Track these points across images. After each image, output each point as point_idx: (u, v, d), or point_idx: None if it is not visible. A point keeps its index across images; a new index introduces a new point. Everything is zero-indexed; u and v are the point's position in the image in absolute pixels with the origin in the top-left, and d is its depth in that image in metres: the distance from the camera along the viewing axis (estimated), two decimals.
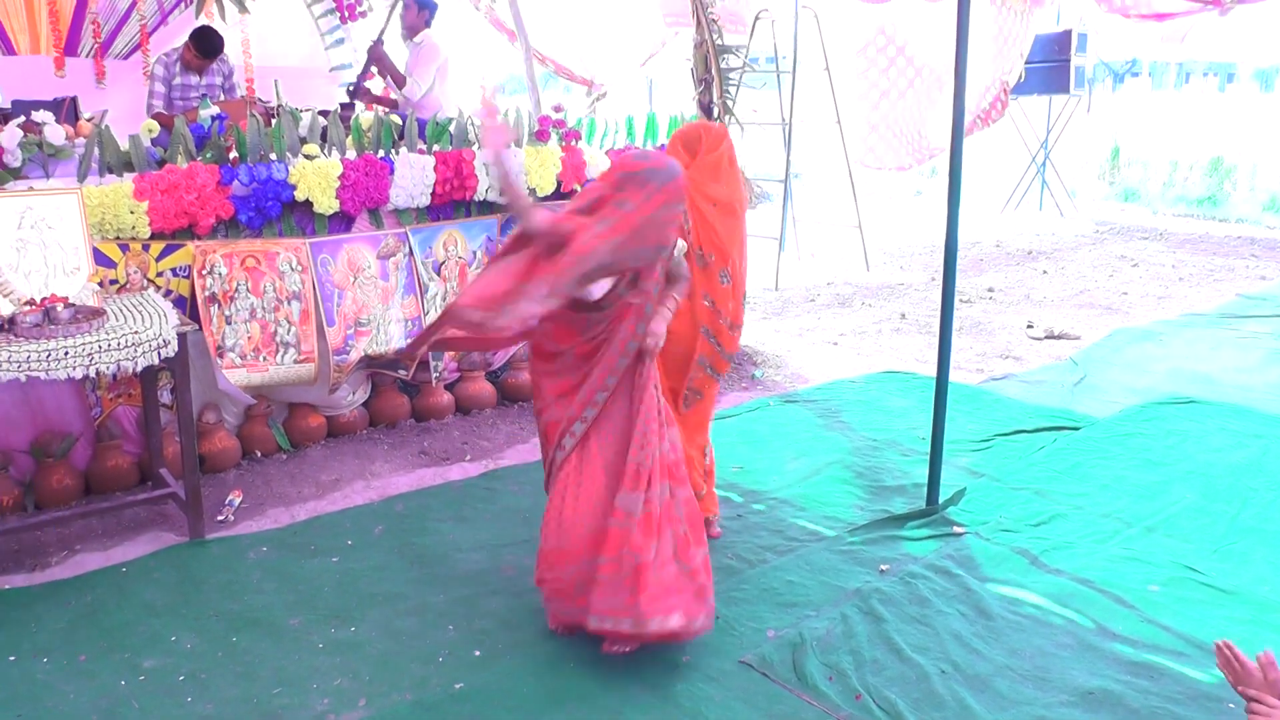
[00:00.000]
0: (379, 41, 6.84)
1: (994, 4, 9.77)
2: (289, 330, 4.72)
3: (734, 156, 3.89)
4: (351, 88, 6.93)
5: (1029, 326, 7.57)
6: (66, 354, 3.51)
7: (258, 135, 4.74)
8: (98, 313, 3.76)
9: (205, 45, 6.32)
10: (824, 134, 9.91)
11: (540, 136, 5.69)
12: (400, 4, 6.91)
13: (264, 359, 4.66)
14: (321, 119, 5.15)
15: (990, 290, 8.83)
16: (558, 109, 6.05)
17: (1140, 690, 3.09)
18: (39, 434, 4.34)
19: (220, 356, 4.55)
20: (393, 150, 5.16)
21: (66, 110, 5.31)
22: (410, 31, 6.84)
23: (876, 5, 8.94)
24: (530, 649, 3.32)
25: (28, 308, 3.68)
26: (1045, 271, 9.70)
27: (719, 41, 6.22)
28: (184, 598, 3.65)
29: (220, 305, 4.54)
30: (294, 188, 4.75)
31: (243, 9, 7.48)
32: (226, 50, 6.60)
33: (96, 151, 4.43)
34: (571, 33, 9.77)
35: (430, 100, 6.68)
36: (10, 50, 6.74)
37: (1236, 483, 4.63)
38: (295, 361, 4.75)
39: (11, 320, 3.59)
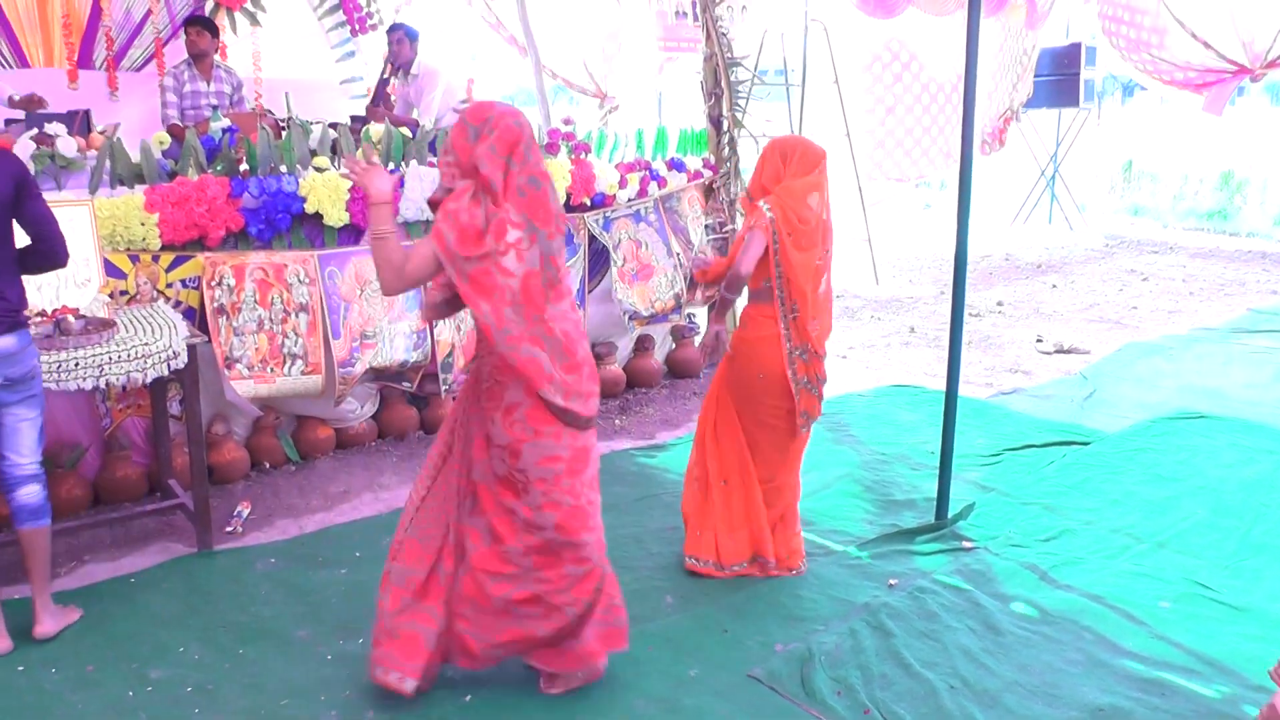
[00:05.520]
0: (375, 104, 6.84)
1: (998, 23, 9.77)
2: (296, 342, 4.73)
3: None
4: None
5: (1038, 340, 7.55)
6: (77, 365, 3.53)
7: (268, 148, 4.76)
8: (108, 324, 3.77)
9: (202, 20, 6.36)
10: (833, 147, 9.90)
11: (550, 149, 5.70)
12: (392, 44, 6.92)
13: (271, 370, 4.67)
14: (332, 131, 5.17)
15: (999, 304, 8.81)
16: (567, 121, 6.07)
17: (1150, 708, 3.07)
18: (49, 444, 4.33)
19: (228, 368, 4.56)
20: (402, 163, 5.18)
21: (79, 122, 5.34)
22: (407, 67, 6.86)
23: (885, 20, 8.94)
24: None
25: (39, 319, 3.70)
26: (1055, 285, 9.68)
27: (729, 55, 6.25)
28: (192, 609, 3.65)
29: (228, 317, 4.55)
30: (304, 200, 4.77)
31: (254, 22, 7.54)
32: (236, 63, 6.63)
33: (108, 163, 4.45)
34: (583, 45, 9.81)
35: (444, 122, 6.70)
36: (24, 63, 6.79)
37: (1247, 498, 4.60)
38: (302, 373, 4.75)
39: None
